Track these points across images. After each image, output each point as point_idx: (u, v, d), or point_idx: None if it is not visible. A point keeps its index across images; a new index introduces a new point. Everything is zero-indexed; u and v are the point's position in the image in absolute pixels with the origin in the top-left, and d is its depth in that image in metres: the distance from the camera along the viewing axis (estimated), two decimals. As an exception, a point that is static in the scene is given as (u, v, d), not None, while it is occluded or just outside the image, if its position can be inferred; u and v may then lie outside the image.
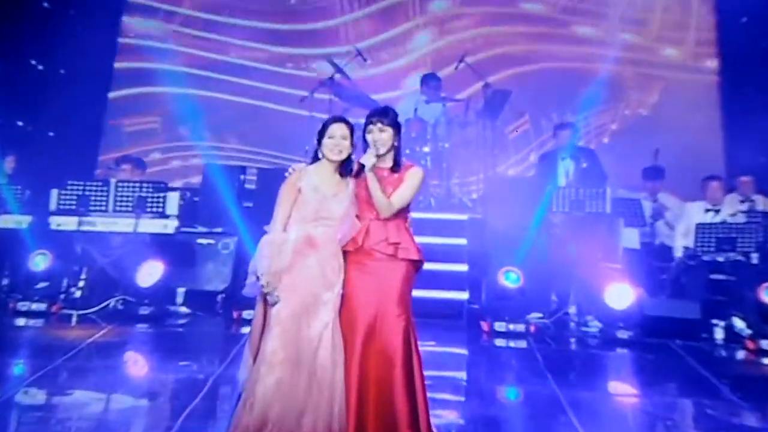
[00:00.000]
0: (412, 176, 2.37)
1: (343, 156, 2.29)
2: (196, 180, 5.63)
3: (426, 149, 5.25)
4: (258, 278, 2.23)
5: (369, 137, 2.33)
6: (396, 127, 2.33)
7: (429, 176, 5.18)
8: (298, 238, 2.26)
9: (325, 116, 2.76)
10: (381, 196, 2.30)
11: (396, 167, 2.36)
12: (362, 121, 2.33)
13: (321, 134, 2.31)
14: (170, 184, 4.92)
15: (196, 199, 5.10)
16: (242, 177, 5.11)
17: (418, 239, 2.39)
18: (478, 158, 5.40)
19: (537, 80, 5.82)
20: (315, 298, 2.24)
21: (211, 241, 4.66)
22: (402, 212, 2.35)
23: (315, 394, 2.18)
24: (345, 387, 2.19)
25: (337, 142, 2.30)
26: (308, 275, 2.25)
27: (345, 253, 2.33)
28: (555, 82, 5.76)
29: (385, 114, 2.34)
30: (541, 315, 4.34)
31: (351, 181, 2.32)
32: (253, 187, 5.15)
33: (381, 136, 2.33)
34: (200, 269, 4.58)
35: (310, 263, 2.26)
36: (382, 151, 2.32)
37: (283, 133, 5.86)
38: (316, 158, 2.33)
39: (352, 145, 2.31)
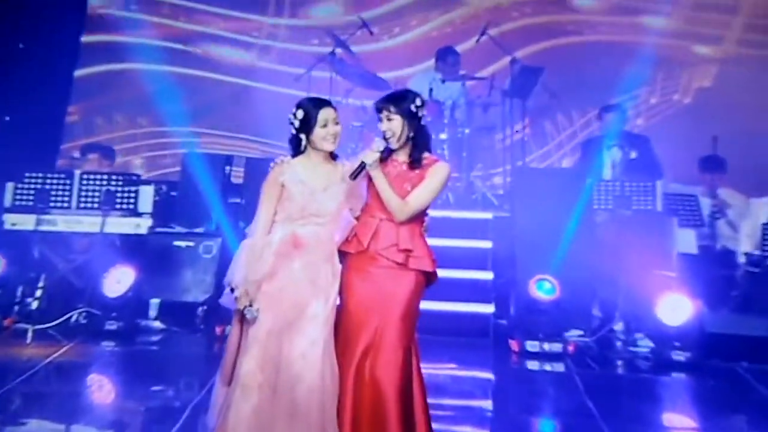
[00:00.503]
0: (435, 174, 2.29)
1: (336, 145, 2.26)
2: (173, 172, 5.57)
3: (442, 136, 5.14)
4: (233, 290, 2.19)
5: (380, 127, 2.27)
6: (407, 114, 2.25)
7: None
8: (281, 239, 2.22)
9: (325, 97, 2.81)
10: (392, 196, 2.24)
11: (415, 163, 2.28)
12: (367, 103, 2.34)
13: (308, 123, 2.24)
14: (143, 177, 4.93)
15: (173, 193, 4.96)
16: (228, 168, 4.96)
17: (433, 242, 2.34)
18: (504, 146, 5.33)
19: (573, 55, 5.72)
20: (300, 310, 2.18)
21: (191, 244, 4.56)
22: (418, 215, 2.28)
23: (298, 428, 2.09)
24: (337, 421, 2.12)
25: (331, 130, 2.25)
26: (293, 282, 2.20)
27: (343, 255, 2.28)
28: (595, 57, 5.65)
29: (392, 100, 2.28)
30: (581, 332, 4.25)
31: (344, 171, 2.27)
32: (240, 180, 5.03)
33: (390, 126, 2.27)
34: (178, 277, 4.48)
35: (295, 267, 2.21)
36: (394, 144, 2.26)
37: (276, 117, 5.77)
38: (298, 150, 2.28)
39: None
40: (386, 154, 2.30)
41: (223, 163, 4.96)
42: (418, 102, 2.29)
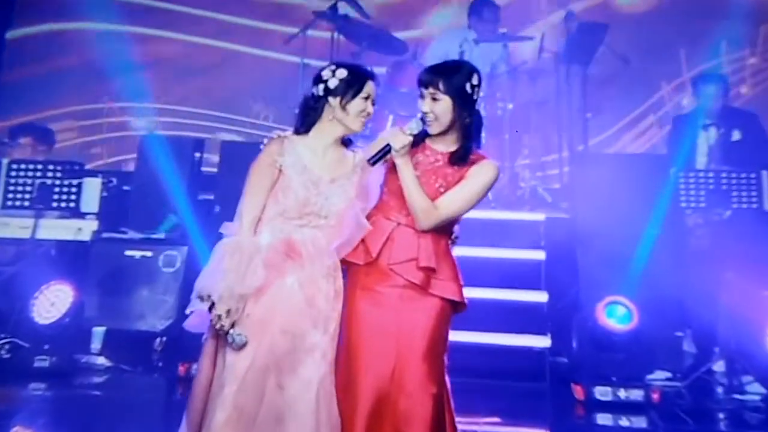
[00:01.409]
0: (477, 175, 2.24)
1: (363, 127, 2.26)
2: (127, 160, 5.59)
3: None
4: (210, 305, 2.14)
5: (420, 107, 2.22)
6: (460, 95, 2.21)
7: (486, 155, 5.12)
8: (272, 245, 2.19)
9: (323, 64, 2.68)
10: (419, 194, 2.19)
11: (458, 158, 2.23)
12: (379, 71, 2.25)
13: (349, 87, 2.23)
14: (88, 166, 4.96)
15: (126, 188, 4.90)
16: (198, 155, 4.90)
17: (467, 253, 2.34)
18: (559, 126, 5.18)
19: (649, 5, 5.62)
20: (293, 341, 2.17)
21: (148, 254, 4.48)
22: (447, 225, 2.25)
23: None
24: None
25: (370, 106, 2.24)
26: (285, 303, 2.18)
27: (345, 269, 2.26)
28: (679, 9, 5.51)
29: (443, 73, 2.22)
30: (668, 374, 4.04)
31: (358, 160, 2.27)
32: (214, 170, 5.01)
33: (434, 107, 2.22)
34: (130, 298, 4.40)
35: (287, 283, 2.19)
36: (434, 130, 2.21)
37: (262, 90, 5.91)
38: (309, 122, 2.25)
39: None
40: (419, 139, 2.24)
41: (192, 148, 4.89)
42: (475, 80, 2.24)
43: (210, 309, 2.16)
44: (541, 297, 4.19)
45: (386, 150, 2.20)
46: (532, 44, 5.24)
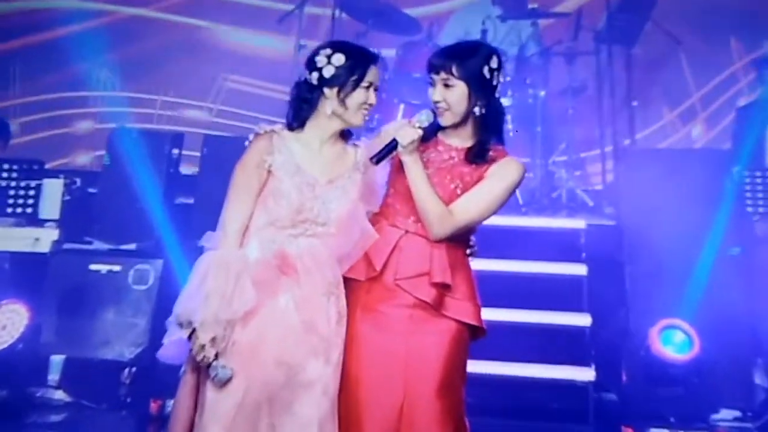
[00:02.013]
0: (499, 174, 2.22)
1: (364, 121, 2.26)
2: (93, 158, 5.57)
3: (505, 102, 5.09)
4: (191, 333, 2.14)
5: (431, 96, 2.21)
6: (476, 81, 2.20)
7: (514, 150, 5.19)
8: (261, 259, 2.20)
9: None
10: (431, 197, 2.18)
11: (476, 155, 2.20)
12: (388, 53, 2.41)
13: (347, 75, 2.21)
14: (49, 165, 4.99)
15: (92, 190, 4.85)
16: (175, 152, 4.81)
17: (494, 266, 2.40)
18: (601, 117, 5.11)
19: None
20: (290, 374, 2.17)
21: (116, 268, 4.41)
22: (464, 232, 2.24)
23: None
24: None
25: (372, 97, 2.23)
26: (279, 328, 2.19)
27: (345, 286, 2.26)
28: None
29: (456, 55, 2.21)
30: (737, 413, 3.96)
31: (360, 156, 2.28)
32: (194, 169, 4.93)
33: (446, 95, 2.20)
34: (94, 320, 4.30)
35: (281, 305, 2.19)
36: (447, 121, 2.21)
37: (250, 75, 5.95)
38: (302, 116, 2.25)
39: None
40: (430, 133, 2.22)
41: (169, 143, 4.81)
42: (494, 63, 2.21)
43: (190, 337, 2.14)
44: (582, 320, 4.08)
45: (392, 146, 2.17)
46: (568, 21, 5.24)
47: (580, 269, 4.19)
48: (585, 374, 3.93)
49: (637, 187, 4.33)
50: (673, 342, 3.89)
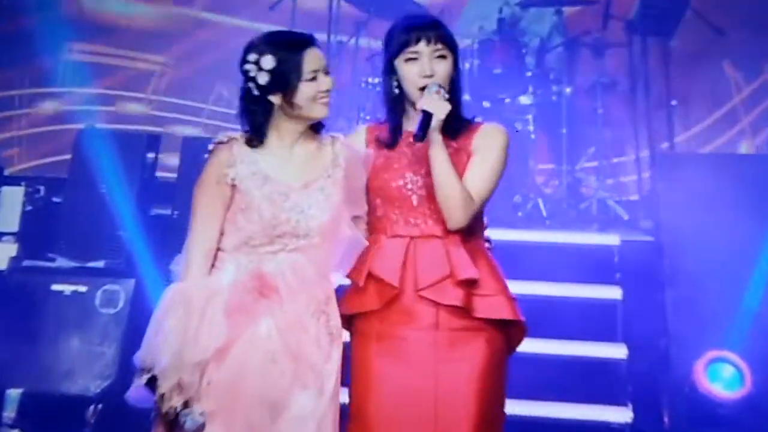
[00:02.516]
0: (489, 142, 2.29)
1: (330, 103, 2.29)
2: (58, 162, 5.51)
3: (525, 100, 4.99)
4: (151, 379, 2.14)
5: (410, 74, 2.25)
6: (456, 47, 2.28)
7: (537, 156, 5.04)
8: (237, 282, 2.21)
9: (322, 38, 2.84)
10: (459, 181, 2.21)
11: (454, 130, 2.27)
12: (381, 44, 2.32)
13: (285, 76, 2.24)
14: (8, 171, 4.97)
15: (56, 199, 4.81)
16: (151, 156, 4.78)
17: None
18: (635, 117, 5.11)
19: None
20: (276, 411, 2.16)
21: (82, 289, 4.34)
22: (477, 217, 2.28)
23: None
24: None
25: (324, 83, 2.25)
26: (261, 359, 2.19)
27: (355, 320, 2.29)
28: None
29: (440, 24, 2.28)
30: None
31: (339, 148, 2.30)
32: (172, 175, 4.88)
33: (440, 67, 2.25)
34: (56, 348, 4.23)
35: (261, 332, 2.19)
36: (446, 94, 2.25)
37: (236, 68, 5.56)
38: (261, 126, 2.26)
39: None
40: (384, 126, 2.32)
41: (144, 146, 4.78)
42: (469, 39, 2.44)
43: (152, 384, 2.12)
44: (617, 352, 3.99)
45: (428, 118, 2.18)
46: (596, 9, 5.17)
47: (613, 292, 4.13)
48: (621, 415, 3.86)
49: (677, 197, 4.28)
50: (722, 377, 3.85)
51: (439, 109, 2.16)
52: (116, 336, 4.18)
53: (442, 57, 2.22)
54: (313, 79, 2.20)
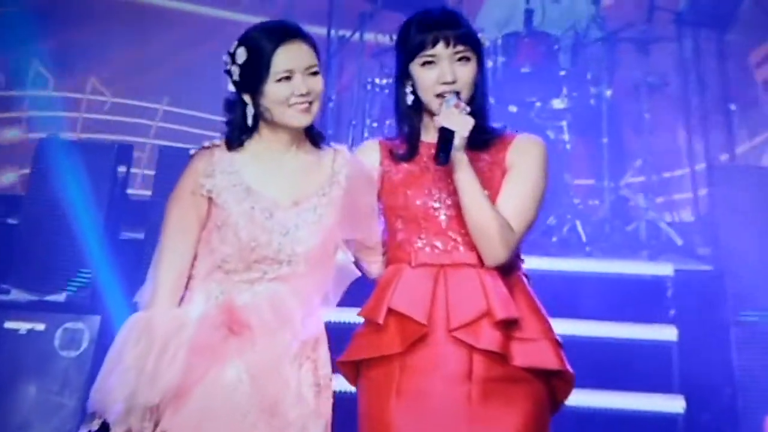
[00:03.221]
0: (529, 155, 2.27)
1: (314, 113, 2.25)
2: (17, 177, 5.41)
3: (558, 104, 4.96)
4: (103, 426, 2.14)
5: (427, 80, 2.23)
6: (481, 55, 2.27)
7: (573, 169, 5.02)
8: (205, 317, 2.19)
9: (322, 32, 2.89)
10: (492, 209, 2.19)
11: (481, 142, 2.25)
12: (389, 40, 2.38)
13: (255, 71, 2.23)
14: None
15: (12, 221, 4.84)
16: (122, 169, 4.73)
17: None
18: (687, 124, 5.11)
19: None
20: None
21: (39, 326, 4.29)
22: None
23: None
24: None
25: (299, 85, 2.22)
26: (226, 408, 2.16)
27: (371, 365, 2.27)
28: None
29: (464, 23, 2.26)
30: None
31: (340, 163, 2.28)
32: (146, 193, 4.89)
33: (463, 74, 2.23)
34: (9, 396, 4.21)
35: (231, 377, 2.16)
36: (466, 107, 2.23)
37: (222, 71, 5.72)
38: (241, 130, 2.27)
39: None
40: (397, 137, 2.32)
41: (113, 158, 4.73)
42: (490, 31, 2.39)
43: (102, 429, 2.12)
44: (673, 403, 3.89)
45: (448, 137, 2.14)
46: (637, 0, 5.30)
47: (667, 332, 4.03)
48: (679, 482, 3.73)
49: (740, 218, 4.24)
50: (800, 434, 3.69)
51: (462, 125, 2.11)
52: (78, 384, 4.12)
53: (465, 59, 2.19)
54: (286, 79, 2.15)
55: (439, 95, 2.18)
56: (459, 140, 2.12)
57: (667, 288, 4.20)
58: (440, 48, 2.17)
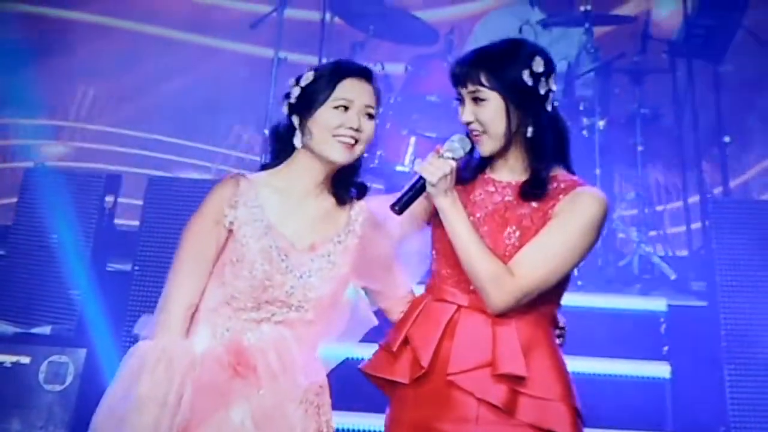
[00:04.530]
0: (572, 209, 2.22)
1: (357, 154, 2.25)
2: (2, 206, 5.58)
3: None
4: None
5: (460, 117, 2.29)
6: (515, 90, 2.22)
7: None
8: (210, 355, 2.19)
9: (312, 61, 2.76)
10: (482, 253, 2.17)
11: (533, 188, 2.24)
12: (394, 70, 2.57)
13: (311, 97, 2.26)
14: None
15: None
16: (110, 200, 4.73)
17: None
18: (681, 156, 5.05)
19: None
20: None
21: (24, 360, 4.22)
22: (544, 299, 2.22)
23: None
24: None
25: (351, 119, 2.23)
26: None
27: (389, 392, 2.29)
28: None
29: (484, 61, 2.24)
30: None
31: (357, 212, 2.30)
32: (134, 223, 4.89)
33: (479, 114, 2.24)
34: None
35: (235, 421, 2.17)
36: (486, 148, 2.24)
37: (216, 98, 5.86)
38: (280, 154, 2.30)
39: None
40: (474, 169, 2.29)
41: (101, 188, 4.73)
42: (538, 65, 2.24)
43: None
44: None
45: (417, 185, 2.16)
46: (632, 28, 5.21)
47: (660, 369, 4.01)
48: None
49: (735, 253, 4.19)
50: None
51: (433, 171, 2.12)
52: (63, 419, 4.07)
53: (478, 100, 2.19)
54: (343, 108, 2.17)
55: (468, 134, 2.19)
56: (428, 186, 2.13)
57: (660, 324, 4.20)
58: (460, 89, 2.20)
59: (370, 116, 2.21)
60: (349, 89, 2.20)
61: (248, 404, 2.15)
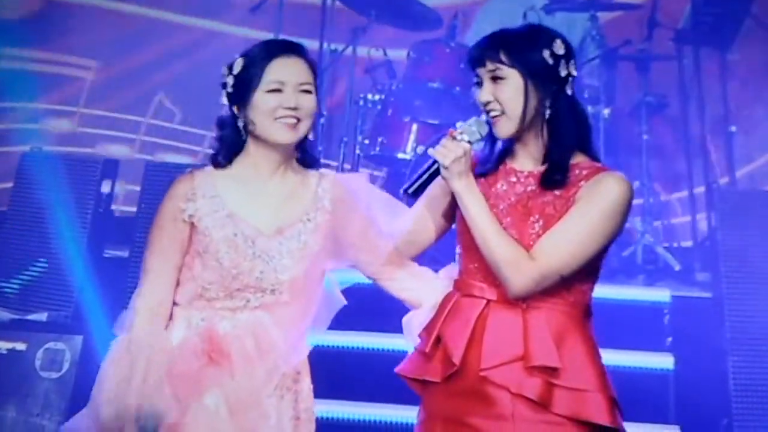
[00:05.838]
0: (595, 194, 2.21)
1: (302, 132, 2.25)
2: None
3: None
4: None
5: (477, 97, 2.28)
6: (535, 71, 2.22)
7: None
8: (184, 345, 2.21)
9: (313, 46, 2.89)
10: (500, 239, 2.18)
11: (554, 175, 2.23)
12: (397, 55, 2.51)
13: (245, 84, 2.27)
14: None
15: None
16: (106, 185, 4.74)
17: None
18: (687, 145, 5.07)
19: None
20: None
21: (19, 346, 4.25)
22: (576, 283, 2.21)
23: None
24: None
25: (288, 98, 2.24)
26: None
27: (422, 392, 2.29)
28: None
29: (504, 41, 2.24)
30: None
31: (325, 188, 2.30)
32: (131, 209, 4.93)
33: (498, 93, 2.23)
34: None
35: (209, 408, 2.17)
36: (504, 131, 2.23)
37: (217, 82, 5.74)
38: (231, 148, 2.29)
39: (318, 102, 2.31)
40: (487, 152, 2.29)
41: (98, 176, 4.72)
42: (558, 47, 2.23)
43: None
44: None
45: (431, 170, 2.17)
46: (639, 15, 5.20)
47: (663, 361, 4.01)
48: None
49: (740, 243, 4.19)
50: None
51: (446, 154, 2.13)
52: (59, 406, 4.10)
53: (497, 79, 2.18)
54: (276, 90, 2.16)
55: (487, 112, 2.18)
56: (442, 170, 2.14)
57: (664, 314, 4.19)
58: (479, 70, 2.20)
59: (307, 92, 2.21)
60: (280, 69, 2.19)
61: (222, 391, 2.17)
